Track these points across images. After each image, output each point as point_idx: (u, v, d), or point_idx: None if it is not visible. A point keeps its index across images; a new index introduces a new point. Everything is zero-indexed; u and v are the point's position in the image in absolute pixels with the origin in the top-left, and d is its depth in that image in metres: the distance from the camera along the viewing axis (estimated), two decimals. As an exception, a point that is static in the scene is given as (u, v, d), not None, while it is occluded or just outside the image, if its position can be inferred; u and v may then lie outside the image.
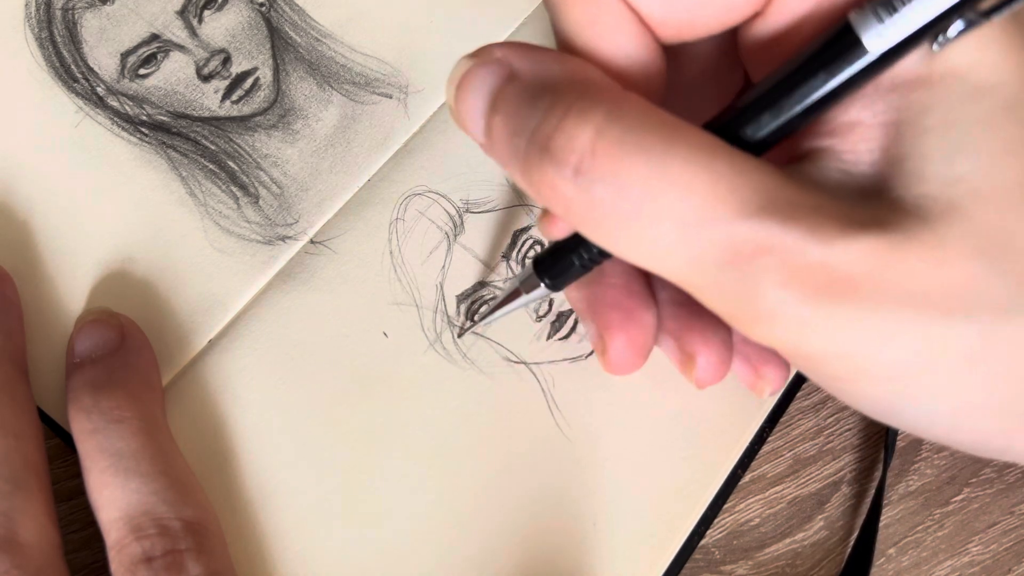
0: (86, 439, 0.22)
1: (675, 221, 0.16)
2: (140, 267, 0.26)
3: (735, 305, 0.17)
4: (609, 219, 0.16)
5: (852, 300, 0.16)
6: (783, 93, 0.17)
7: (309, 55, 0.28)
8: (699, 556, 0.27)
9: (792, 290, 0.16)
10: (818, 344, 0.16)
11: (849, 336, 0.16)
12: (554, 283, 0.21)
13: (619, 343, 0.22)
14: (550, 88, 0.17)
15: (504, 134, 0.18)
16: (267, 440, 0.25)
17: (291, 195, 0.27)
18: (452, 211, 0.28)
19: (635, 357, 0.22)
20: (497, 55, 0.18)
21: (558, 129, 0.16)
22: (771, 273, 0.16)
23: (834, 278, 0.15)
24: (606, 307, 0.22)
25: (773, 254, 0.16)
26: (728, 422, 0.27)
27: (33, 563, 0.21)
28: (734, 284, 0.16)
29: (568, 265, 0.21)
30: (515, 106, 0.17)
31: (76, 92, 0.27)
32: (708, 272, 0.16)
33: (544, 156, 0.17)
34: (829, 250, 0.15)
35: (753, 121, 0.17)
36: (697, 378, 0.22)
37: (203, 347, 0.25)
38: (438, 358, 0.26)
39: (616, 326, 0.22)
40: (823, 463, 0.28)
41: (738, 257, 0.16)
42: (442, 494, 0.25)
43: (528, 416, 0.26)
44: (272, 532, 0.24)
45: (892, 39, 0.15)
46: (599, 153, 0.16)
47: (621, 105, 0.16)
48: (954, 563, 0.28)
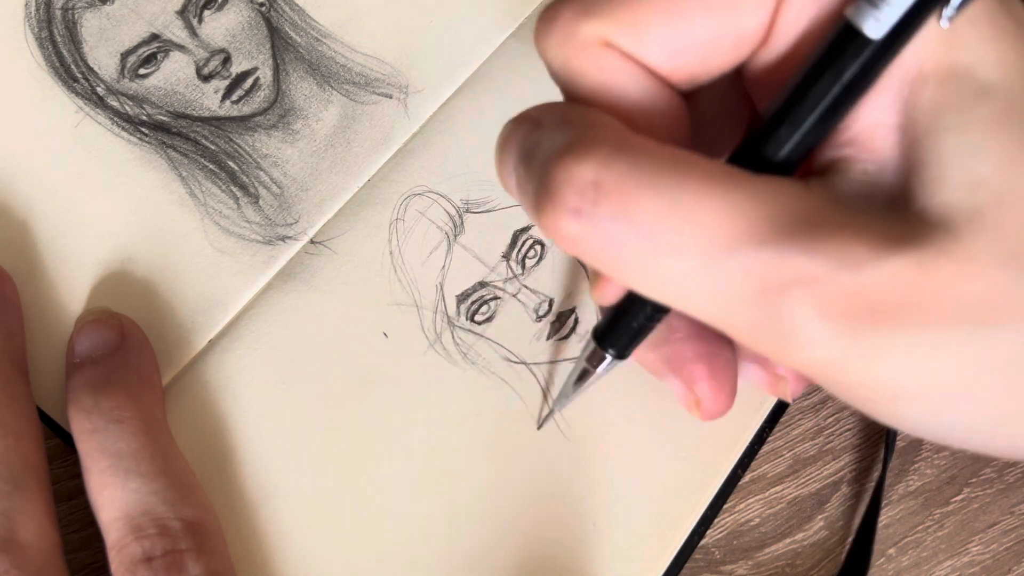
0: (86, 439, 0.22)
1: (695, 254, 0.15)
2: (140, 267, 0.26)
3: (769, 339, 0.16)
4: (625, 256, 0.16)
5: (888, 325, 0.15)
6: (796, 102, 0.16)
7: (309, 55, 0.28)
8: (699, 556, 0.27)
9: (826, 322, 0.15)
10: (856, 371, 0.16)
11: (887, 361, 0.16)
12: (621, 352, 0.21)
13: (709, 392, 0.21)
14: (553, 130, 0.17)
15: (520, 184, 0.17)
16: (267, 440, 0.25)
17: (291, 195, 0.27)
18: (452, 211, 0.28)
19: (727, 399, 0.22)
20: (531, 114, 0.18)
21: (557, 166, 0.16)
22: (802, 305, 0.15)
23: (867, 305, 0.15)
24: (686, 362, 0.21)
25: (802, 284, 0.15)
26: (728, 422, 0.27)
27: (33, 563, 0.21)
28: (763, 317, 0.16)
29: (629, 328, 0.20)
30: (525, 154, 0.17)
31: (76, 92, 0.27)
32: (736, 307, 0.16)
33: (546, 197, 0.16)
34: (860, 275, 0.15)
35: (772, 138, 0.17)
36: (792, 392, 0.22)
37: (203, 347, 0.25)
38: (438, 358, 0.26)
39: (702, 377, 0.21)
40: (823, 463, 0.28)
41: (766, 289, 0.15)
42: (442, 494, 0.25)
43: (528, 417, 0.26)
44: (272, 532, 0.24)
45: (890, 20, 0.15)
46: (604, 188, 0.16)
47: (627, 140, 0.16)
48: (954, 563, 0.28)
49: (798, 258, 0.15)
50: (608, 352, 0.21)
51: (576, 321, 0.28)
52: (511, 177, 0.18)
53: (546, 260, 0.28)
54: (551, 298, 0.28)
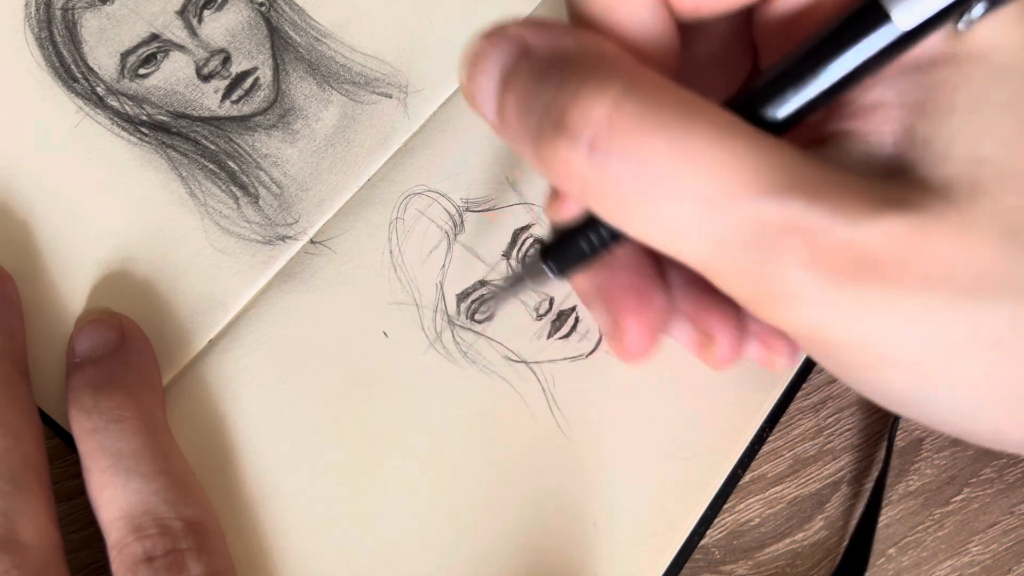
0: (86, 439, 0.22)
1: (696, 199, 0.15)
2: (140, 267, 0.26)
3: (756, 288, 0.16)
4: (626, 197, 0.16)
5: (878, 282, 0.15)
6: (808, 69, 0.16)
7: (309, 55, 0.28)
8: (699, 556, 0.27)
9: (817, 271, 0.15)
10: (841, 328, 0.16)
11: (874, 319, 0.16)
12: (561, 270, 0.21)
13: (635, 326, 0.21)
14: (564, 62, 0.16)
15: (516, 112, 0.17)
16: (267, 440, 0.25)
17: (291, 195, 0.27)
18: (452, 210, 0.28)
19: (650, 341, 0.21)
20: (510, 32, 0.17)
21: (572, 102, 0.16)
22: (795, 254, 0.15)
23: (860, 259, 0.15)
24: (618, 291, 0.21)
25: (798, 233, 0.15)
26: (728, 422, 0.27)
27: (33, 563, 0.21)
28: (756, 265, 0.16)
29: (576, 251, 0.20)
30: (527, 82, 0.17)
31: (76, 92, 0.27)
32: (729, 253, 0.16)
33: (558, 131, 0.16)
34: (855, 230, 0.15)
35: (775, 99, 0.16)
36: (717, 358, 0.21)
37: (203, 347, 0.26)
38: (438, 357, 0.26)
39: (630, 310, 0.21)
40: (823, 463, 0.28)
41: (762, 237, 0.15)
42: (442, 493, 0.25)
43: (528, 415, 0.26)
44: (272, 532, 0.24)
45: (922, 14, 0.15)
46: (616, 127, 0.15)
47: (638, 79, 0.16)
48: (954, 563, 0.28)
49: (796, 208, 0.15)
50: (549, 267, 0.21)
51: (577, 320, 0.28)
52: (488, 101, 0.18)
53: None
54: (552, 296, 0.28)
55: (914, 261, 0.15)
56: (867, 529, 0.27)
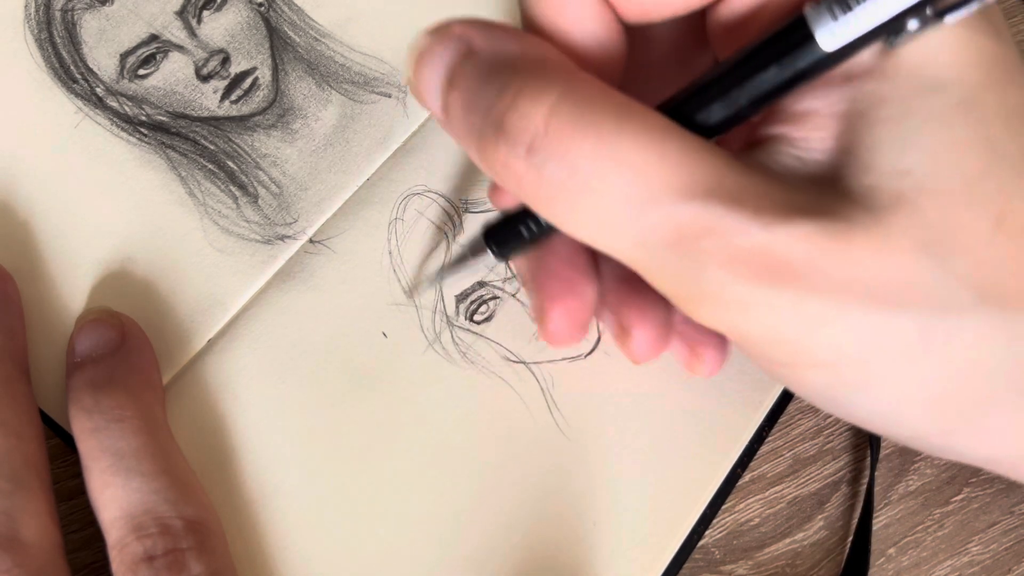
0: (87, 438, 0.23)
1: (622, 200, 0.16)
2: (140, 267, 0.26)
3: (679, 285, 0.17)
4: (558, 197, 0.17)
5: (791, 284, 0.16)
6: (733, 83, 0.17)
7: (308, 55, 0.28)
8: (699, 556, 0.27)
9: (733, 271, 0.16)
10: (758, 326, 0.17)
11: (787, 319, 0.16)
12: (501, 252, 0.22)
13: (558, 313, 0.22)
14: (506, 66, 0.17)
15: (460, 110, 0.18)
16: (267, 439, 0.25)
17: (290, 195, 0.27)
18: (451, 211, 0.28)
19: (573, 328, 0.22)
20: (456, 31, 0.18)
21: (512, 108, 0.17)
22: (714, 254, 0.16)
23: (774, 261, 0.16)
24: (549, 277, 0.22)
25: (716, 236, 0.16)
26: (727, 422, 0.27)
27: (34, 562, 0.21)
28: (678, 264, 0.16)
29: (516, 236, 0.21)
30: (471, 83, 0.18)
31: (75, 93, 0.27)
32: (653, 252, 0.17)
33: (499, 134, 0.17)
34: (770, 234, 0.16)
35: (704, 108, 0.17)
36: (632, 352, 0.22)
37: (203, 346, 0.26)
38: (437, 358, 0.26)
39: (557, 297, 0.22)
40: (823, 463, 0.28)
41: (682, 238, 0.16)
42: (442, 493, 0.25)
43: (527, 416, 0.26)
44: (272, 531, 0.25)
45: (845, 37, 0.15)
46: (551, 132, 0.16)
47: (575, 85, 0.17)
48: (954, 563, 0.28)
49: (716, 212, 0.16)
50: (491, 248, 0.22)
51: (576, 320, 0.28)
52: (433, 97, 0.18)
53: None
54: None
55: (826, 266, 0.16)
56: (863, 533, 0.27)
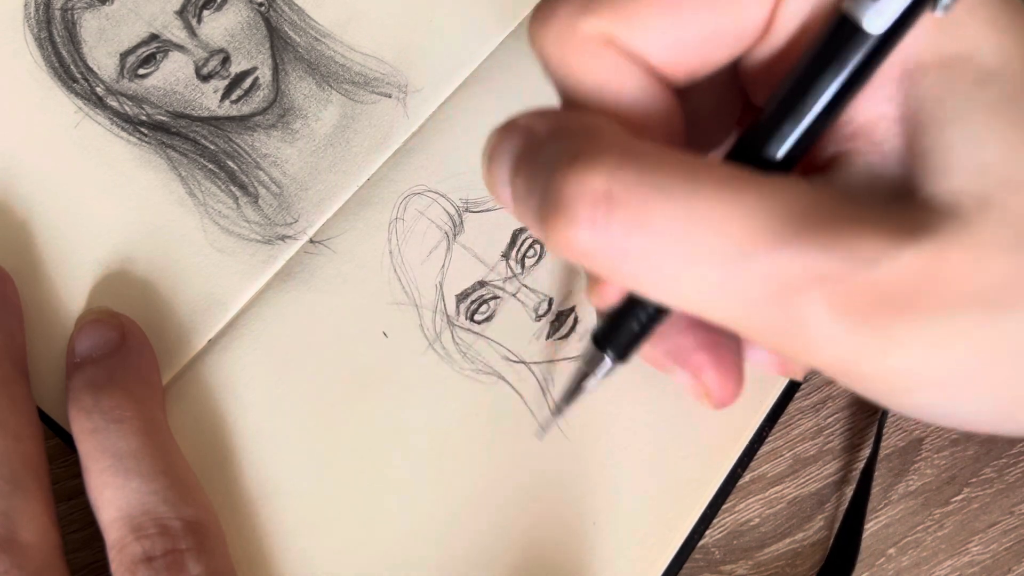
0: (86, 439, 0.22)
1: (714, 259, 0.15)
2: (140, 267, 0.26)
3: (783, 337, 0.16)
4: (640, 267, 0.16)
5: (904, 316, 0.15)
6: (798, 99, 0.16)
7: (308, 55, 0.28)
8: (699, 556, 0.27)
9: (841, 316, 0.15)
10: (871, 363, 0.16)
11: (905, 352, 0.16)
12: (621, 355, 0.20)
13: (718, 381, 0.21)
14: (558, 141, 0.16)
15: (522, 196, 0.17)
16: (267, 440, 0.25)
17: (290, 194, 0.27)
18: (452, 210, 0.28)
19: (736, 385, 0.21)
20: (520, 123, 0.18)
21: (566, 179, 0.16)
22: (818, 303, 0.15)
23: (882, 299, 0.15)
24: (690, 352, 0.21)
25: (818, 283, 0.15)
26: (727, 422, 0.27)
27: (33, 563, 0.21)
28: (780, 317, 0.16)
29: (629, 331, 0.19)
30: (532, 167, 0.17)
31: (75, 92, 0.27)
32: (752, 309, 0.16)
33: (556, 211, 0.16)
34: (874, 271, 0.15)
35: (774, 137, 0.16)
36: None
37: (203, 347, 0.26)
38: (437, 358, 0.26)
39: (708, 366, 0.21)
40: (823, 463, 0.28)
41: (783, 290, 0.15)
42: (442, 493, 0.25)
43: (527, 416, 0.26)
44: (272, 532, 0.25)
45: (890, 16, 0.15)
46: (616, 198, 0.15)
47: (633, 148, 0.16)
48: (954, 563, 0.28)
49: (810, 257, 0.15)
50: (608, 355, 0.21)
51: (576, 320, 0.28)
52: (504, 189, 0.18)
53: (545, 259, 0.28)
54: (550, 297, 0.28)
55: (934, 288, 0.15)
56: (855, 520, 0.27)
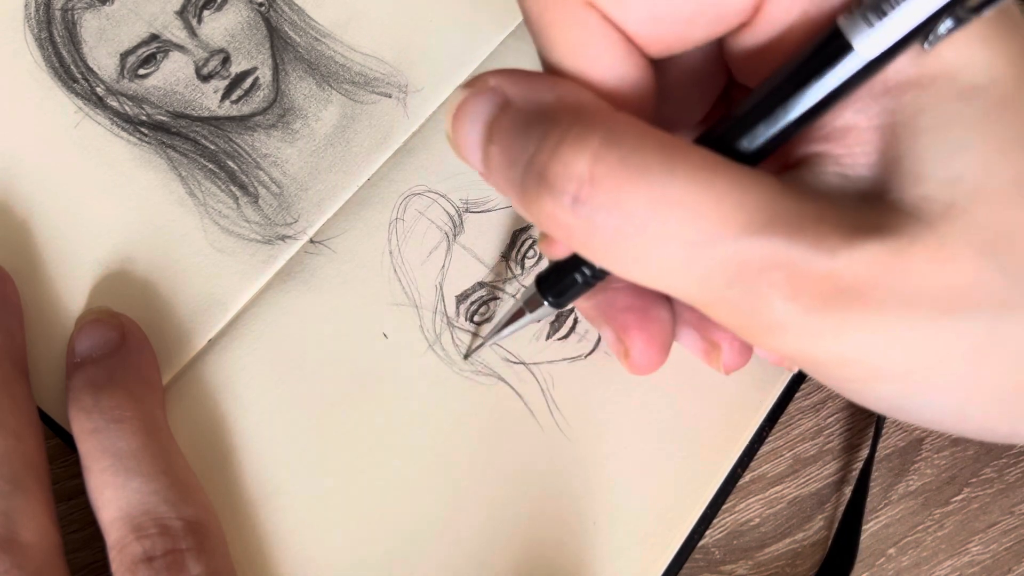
0: (86, 439, 0.22)
1: (680, 242, 0.16)
2: (140, 267, 0.26)
3: (744, 319, 0.17)
4: (612, 244, 0.16)
5: (859, 307, 0.16)
6: (777, 102, 0.17)
7: (308, 55, 0.28)
8: (699, 556, 0.27)
9: (800, 302, 0.16)
10: (828, 351, 0.17)
11: (858, 341, 0.16)
12: (558, 301, 0.21)
13: (640, 343, 0.22)
14: (544, 115, 0.17)
15: (501, 164, 0.18)
16: (267, 440, 0.25)
17: (290, 195, 0.27)
18: (452, 211, 0.28)
19: (658, 354, 0.22)
20: (491, 83, 0.18)
21: (553, 158, 0.16)
22: (778, 287, 0.16)
23: (840, 287, 0.16)
24: (619, 310, 0.22)
25: (779, 268, 0.16)
26: (728, 422, 0.27)
27: (33, 563, 0.21)
28: (742, 300, 0.16)
29: (571, 282, 0.20)
30: (510, 135, 0.17)
31: (76, 92, 0.27)
32: (716, 290, 0.16)
33: (541, 186, 0.16)
34: (833, 260, 0.15)
35: (748, 132, 0.17)
36: (725, 365, 0.22)
37: (203, 347, 0.26)
38: (437, 359, 0.26)
39: (634, 326, 0.22)
40: (823, 463, 0.28)
41: (745, 274, 0.16)
42: (442, 494, 0.25)
43: (528, 416, 0.26)
44: (272, 532, 0.25)
45: (883, 43, 0.15)
46: (598, 180, 0.16)
47: (617, 128, 0.16)
48: (954, 563, 0.28)
49: (775, 245, 0.16)
50: (547, 299, 0.21)
51: (575, 321, 0.28)
52: (474, 152, 0.18)
53: (545, 260, 0.28)
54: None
55: (892, 284, 0.16)
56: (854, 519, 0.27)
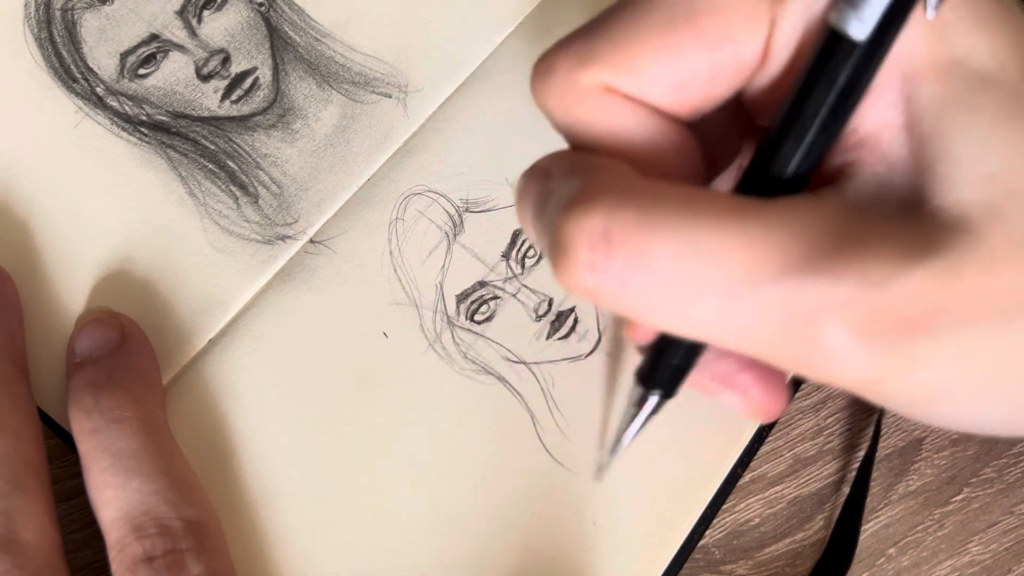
0: (87, 439, 0.22)
1: (717, 293, 0.15)
2: (140, 267, 0.26)
3: (804, 364, 0.16)
4: (647, 303, 0.16)
5: (923, 334, 0.15)
6: (796, 116, 0.16)
7: (308, 55, 0.28)
8: (699, 556, 0.27)
9: (861, 342, 0.15)
10: (894, 383, 0.16)
11: (926, 368, 0.16)
12: (666, 390, 0.21)
13: (766, 397, 0.21)
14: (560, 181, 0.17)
15: (535, 238, 0.17)
16: (267, 440, 0.25)
17: (290, 195, 0.27)
18: (452, 210, 0.28)
19: (783, 397, 0.22)
20: (541, 165, 0.18)
21: (566, 220, 0.16)
22: (835, 330, 0.15)
23: (898, 319, 0.15)
24: (734, 375, 0.21)
25: (831, 310, 0.15)
26: (728, 421, 0.27)
27: (33, 563, 0.21)
28: (798, 346, 0.16)
29: (670, 367, 0.20)
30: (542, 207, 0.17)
31: (76, 92, 0.27)
32: (767, 338, 0.16)
33: (557, 252, 0.16)
34: (887, 292, 0.15)
35: (778, 156, 0.17)
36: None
37: (203, 347, 0.26)
38: (437, 358, 0.26)
39: (754, 385, 0.21)
40: (823, 463, 0.28)
41: (796, 319, 0.15)
42: (441, 493, 0.25)
43: (527, 416, 0.26)
44: (272, 532, 0.25)
45: (872, 18, 0.15)
46: (616, 238, 0.15)
47: (633, 185, 0.16)
48: (954, 563, 0.28)
49: (822, 285, 0.15)
50: (653, 393, 0.21)
51: (576, 320, 0.28)
52: (531, 230, 0.18)
53: (545, 260, 0.28)
54: (551, 297, 0.28)
55: (949, 304, 0.15)
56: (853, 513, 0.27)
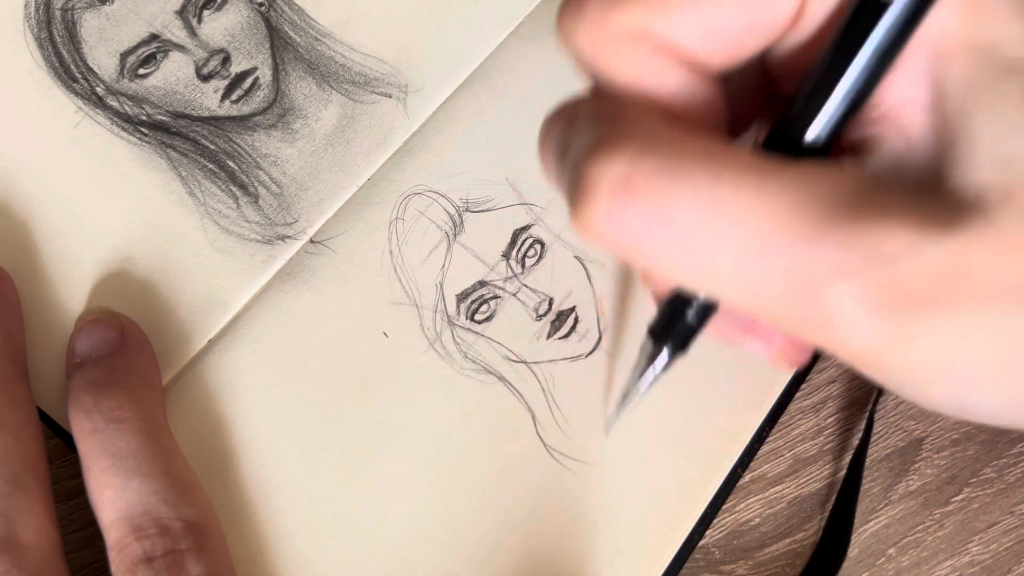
0: (86, 439, 0.22)
1: (732, 252, 0.15)
2: (140, 267, 0.26)
3: (807, 328, 0.16)
4: (661, 255, 0.16)
5: (929, 310, 0.15)
6: (827, 79, 0.16)
7: (308, 55, 0.28)
8: (699, 556, 0.27)
9: (866, 312, 0.15)
10: (897, 356, 0.16)
11: (929, 343, 0.16)
12: (679, 345, 0.20)
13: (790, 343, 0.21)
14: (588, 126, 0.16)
15: (556, 179, 0.17)
16: (267, 440, 0.25)
17: (290, 194, 0.27)
18: (452, 210, 0.28)
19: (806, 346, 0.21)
20: (567, 107, 0.17)
21: (589, 164, 0.15)
22: (841, 298, 0.15)
23: (906, 293, 0.15)
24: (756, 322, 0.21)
25: (840, 278, 0.15)
26: (728, 422, 0.27)
27: (33, 563, 0.21)
28: (804, 310, 0.15)
29: (684, 324, 0.19)
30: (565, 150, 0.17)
31: (75, 92, 0.27)
32: (775, 301, 0.16)
33: (578, 195, 0.16)
34: (898, 266, 0.15)
35: (803, 121, 0.16)
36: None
37: (203, 347, 0.26)
38: (437, 358, 0.26)
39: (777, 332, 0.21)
40: (823, 463, 0.28)
41: (804, 284, 0.15)
42: (441, 493, 0.25)
43: (527, 415, 0.26)
44: (272, 532, 0.25)
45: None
46: (636, 186, 0.15)
47: (658, 134, 0.16)
48: (954, 563, 0.28)
49: (835, 252, 0.15)
50: (666, 348, 0.20)
51: (576, 320, 0.28)
52: (552, 174, 0.18)
53: (546, 259, 0.28)
54: (551, 297, 0.28)
55: (958, 282, 0.15)
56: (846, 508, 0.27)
